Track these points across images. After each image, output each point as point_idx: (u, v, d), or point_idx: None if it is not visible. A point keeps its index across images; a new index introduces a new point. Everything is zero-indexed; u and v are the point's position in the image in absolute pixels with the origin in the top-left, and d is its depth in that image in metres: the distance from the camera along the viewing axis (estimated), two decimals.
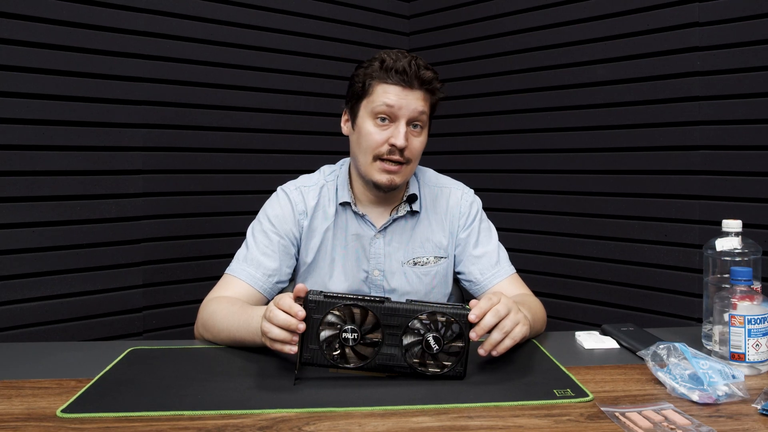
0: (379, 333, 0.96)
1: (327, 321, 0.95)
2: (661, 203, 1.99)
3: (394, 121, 1.22)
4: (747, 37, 1.80)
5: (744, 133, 1.81)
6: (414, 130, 1.24)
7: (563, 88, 2.20)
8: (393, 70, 1.21)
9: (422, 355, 0.96)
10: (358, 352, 0.96)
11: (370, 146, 1.23)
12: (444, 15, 2.54)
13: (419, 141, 1.26)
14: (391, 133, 1.22)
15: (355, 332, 0.94)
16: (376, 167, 1.24)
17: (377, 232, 1.32)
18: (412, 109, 1.22)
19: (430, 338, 0.95)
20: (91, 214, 1.92)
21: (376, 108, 1.22)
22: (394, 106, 1.21)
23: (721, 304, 1.02)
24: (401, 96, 1.21)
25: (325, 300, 0.94)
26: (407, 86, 1.21)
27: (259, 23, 2.24)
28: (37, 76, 1.80)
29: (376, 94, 1.22)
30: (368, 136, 1.23)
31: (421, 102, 1.23)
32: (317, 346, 0.95)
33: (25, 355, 1.11)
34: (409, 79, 1.21)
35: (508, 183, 2.37)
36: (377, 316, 0.95)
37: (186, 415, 0.83)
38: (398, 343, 0.96)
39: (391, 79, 1.21)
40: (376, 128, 1.23)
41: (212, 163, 2.16)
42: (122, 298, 1.98)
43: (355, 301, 0.95)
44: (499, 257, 1.35)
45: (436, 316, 0.96)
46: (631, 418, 0.81)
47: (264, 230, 1.30)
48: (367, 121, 1.24)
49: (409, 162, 1.25)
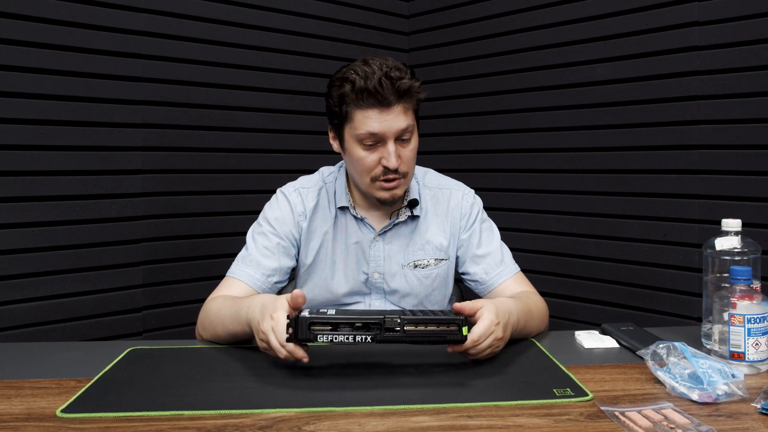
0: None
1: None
2: (660, 203, 1.99)
3: (381, 141, 1.19)
4: (746, 37, 1.79)
5: (743, 132, 1.81)
6: (403, 142, 1.21)
7: (562, 88, 2.20)
8: (366, 92, 1.15)
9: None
10: None
11: (365, 170, 1.22)
12: (443, 14, 2.54)
13: (410, 150, 1.23)
14: (381, 154, 1.20)
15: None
16: (376, 187, 1.23)
17: (377, 235, 1.32)
18: (395, 130, 1.18)
19: None
20: (91, 214, 1.92)
21: (360, 136, 1.19)
22: (377, 133, 1.17)
23: (720, 303, 1.02)
24: (381, 120, 1.17)
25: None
26: (385, 106, 1.16)
27: (259, 23, 2.24)
28: (37, 76, 1.80)
29: (357, 121, 1.18)
30: (360, 161, 1.21)
31: (402, 117, 1.18)
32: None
33: (25, 355, 1.11)
34: (385, 98, 1.15)
35: (507, 182, 2.37)
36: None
37: (186, 415, 0.83)
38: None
39: (366, 103, 1.16)
40: (365, 152, 1.20)
41: (212, 163, 2.16)
42: (122, 298, 1.98)
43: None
44: (503, 256, 1.35)
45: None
46: (631, 417, 0.82)
47: (263, 232, 1.30)
48: (354, 146, 1.21)
49: (406, 174, 1.24)
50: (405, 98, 1.18)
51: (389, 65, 1.18)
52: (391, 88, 1.15)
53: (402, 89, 1.17)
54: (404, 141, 1.21)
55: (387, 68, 1.16)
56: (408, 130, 1.20)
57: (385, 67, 1.17)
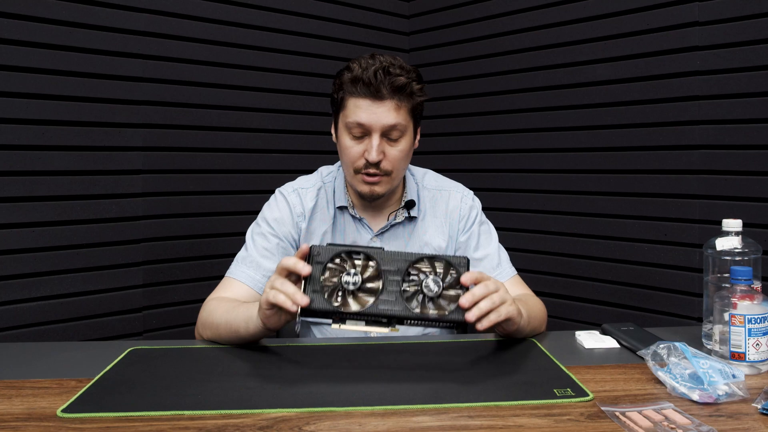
0: (380, 282, 0.97)
1: (329, 267, 0.98)
2: (661, 203, 1.99)
3: (368, 134, 1.20)
4: (747, 37, 1.79)
5: (744, 132, 1.81)
6: (390, 141, 1.21)
7: (563, 88, 2.20)
8: (360, 82, 1.16)
9: (423, 302, 0.97)
10: (359, 300, 0.97)
11: (349, 160, 1.22)
12: (444, 15, 2.54)
13: (398, 150, 1.22)
14: (366, 146, 1.20)
15: (356, 276, 0.97)
16: (358, 179, 1.24)
17: (374, 236, 1.32)
18: (382, 124, 1.18)
19: (429, 281, 0.97)
20: (91, 214, 1.91)
21: (348, 124, 1.20)
22: (364, 124, 1.18)
23: (721, 303, 1.02)
24: (371, 111, 1.17)
25: (327, 246, 0.99)
26: (376, 98, 1.17)
27: (259, 23, 2.24)
28: (37, 76, 1.80)
29: (349, 109, 1.20)
30: (345, 150, 1.22)
31: (392, 113, 1.18)
32: (319, 288, 0.97)
33: (25, 355, 1.11)
34: (377, 89, 1.16)
35: (507, 182, 2.37)
36: (378, 261, 0.97)
37: (186, 415, 0.83)
38: (398, 289, 0.97)
39: (359, 92, 1.17)
40: (352, 142, 1.21)
41: (212, 163, 2.16)
42: (122, 298, 1.98)
43: (356, 247, 0.99)
44: (500, 259, 1.35)
45: (435, 262, 0.99)
46: (632, 417, 0.81)
47: (262, 233, 1.30)
48: (343, 134, 1.22)
49: (390, 173, 1.23)
50: (399, 95, 1.18)
51: (393, 62, 1.19)
52: (386, 82, 1.16)
53: (396, 85, 1.17)
54: (392, 140, 1.21)
55: (388, 64, 1.18)
56: (397, 129, 1.20)
57: (387, 63, 1.18)
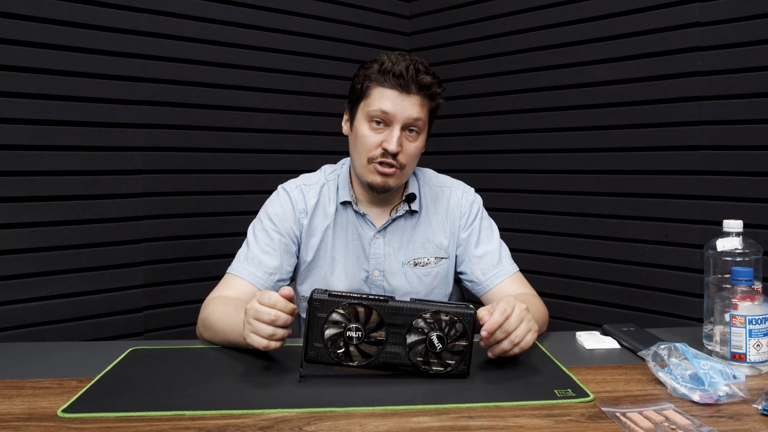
0: (383, 331, 0.96)
1: (331, 319, 0.95)
2: (661, 203, 1.99)
3: (389, 125, 1.22)
4: (748, 37, 1.79)
5: (745, 133, 1.81)
6: (409, 135, 1.24)
7: (564, 88, 2.20)
8: (390, 74, 1.20)
9: (426, 354, 0.97)
10: (362, 351, 0.97)
11: (365, 148, 1.23)
12: (444, 15, 2.54)
13: (414, 146, 1.25)
14: (385, 137, 1.22)
15: (359, 330, 0.95)
16: (370, 169, 1.24)
17: (377, 232, 1.32)
18: (407, 116, 1.21)
19: (433, 337, 0.96)
20: (92, 214, 1.92)
21: (371, 111, 1.21)
22: (389, 112, 1.20)
23: (722, 304, 1.02)
24: (397, 102, 1.20)
25: (329, 299, 0.95)
26: (404, 91, 1.20)
27: (259, 23, 2.24)
28: (37, 76, 1.80)
29: (373, 98, 1.22)
30: (363, 138, 1.23)
31: (417, 108, 1.22)
32: (321, 344, 0.95)
33: (25, 355, 1.11)
34: (406, 83, 1.20)
35: (508, 183, 2.37)
36: (381, 315, 0.96)
37: (187, 415, 0.83)
38: (402, 341, 0.96)
39: (387, 83, 1.20)
40: (371, 131, 1.23)
41: (212, 163, 2.16)
42: (123, 298, 1.98)
43: (360, 300, 0.96)
44: (501, 256, 1.35)
45: (440, 315, 0.97)
46: (632, 418, 0.81)
47: (265, 228, 1.30)
48: (363, 123, 1.24)
49: (403, 167, 1.25)
50: (424, 93, 1.23)
51: (421, 63, 1.23)
52: (415, 78, 1.20)
53: (423, 83, 1.21)
54: (410, 134, 1.24)
55: (417, 63, 1.22)
56: (418, 124, 1.23)
57: (417, 62, 1.23)
